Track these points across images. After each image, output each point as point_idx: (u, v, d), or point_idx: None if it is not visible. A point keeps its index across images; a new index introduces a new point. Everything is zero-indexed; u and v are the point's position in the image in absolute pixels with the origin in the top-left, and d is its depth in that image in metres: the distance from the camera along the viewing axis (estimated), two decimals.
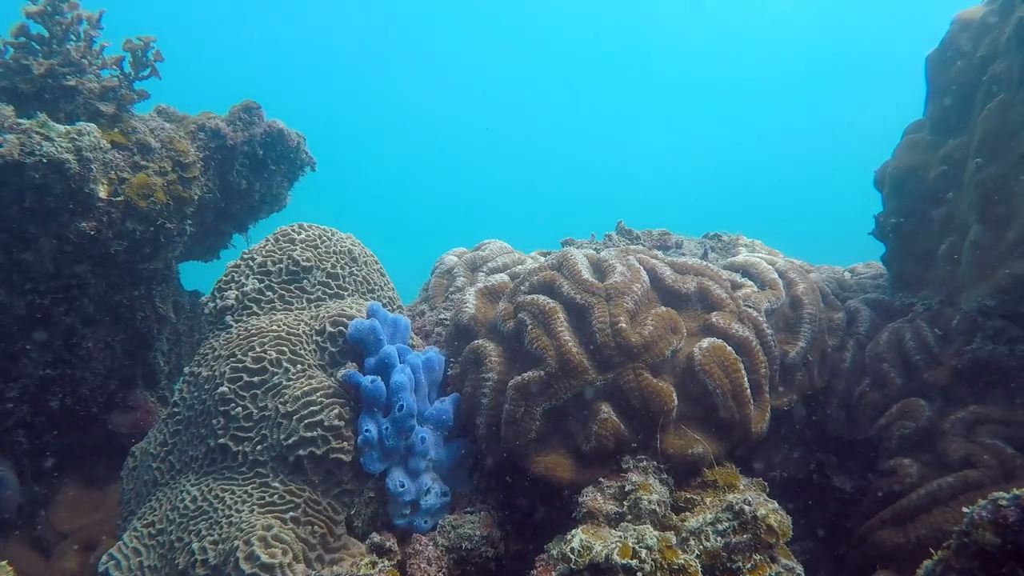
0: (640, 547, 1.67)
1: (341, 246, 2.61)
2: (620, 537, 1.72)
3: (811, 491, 2.59)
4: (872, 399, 2.51)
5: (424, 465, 2.15)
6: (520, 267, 2.82)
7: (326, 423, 2.05)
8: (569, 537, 1.77)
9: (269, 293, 2.45)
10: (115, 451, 3.06)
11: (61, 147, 2.55)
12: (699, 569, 1.69)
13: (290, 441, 2.03)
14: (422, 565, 2.01)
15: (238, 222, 3.58)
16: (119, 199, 2.77)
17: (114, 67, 3.04)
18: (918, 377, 2.44)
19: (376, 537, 2.02)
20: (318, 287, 2.50)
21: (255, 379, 2.17)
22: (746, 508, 1.79)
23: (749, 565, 1.75)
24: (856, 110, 27.97)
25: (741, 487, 2.02)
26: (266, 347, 2.21)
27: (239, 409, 2.14)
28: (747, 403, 2.12)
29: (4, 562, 2.31)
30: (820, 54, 29.35)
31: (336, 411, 2.07)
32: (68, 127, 2.64)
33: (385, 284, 2.72)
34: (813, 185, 27.71)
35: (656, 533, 1.73)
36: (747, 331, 2.22)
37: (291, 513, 1.98)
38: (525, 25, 32.61)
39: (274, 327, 2.28)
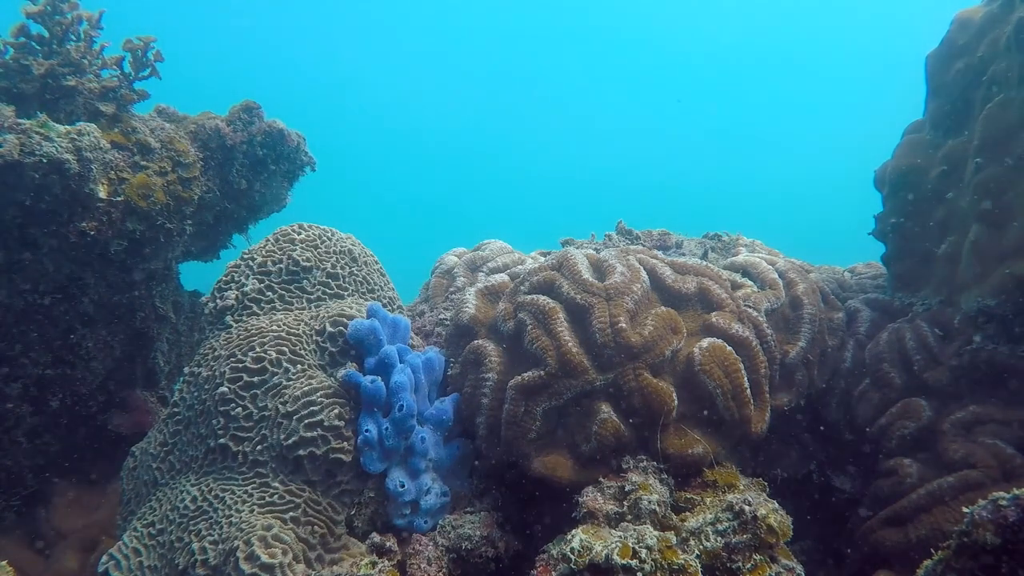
0: (640, 547, 1.67)
1: (341, 246, 2.61)
2: (620, 537, 1.72)
3: (811, 491, 2.59)
4: (872, 399, 2.51)
5: (424, 465, 2.15)
6: (520, 267, 2.82)
7: (326, 423, 2.05)
8: (569, 537, 1.77)
9: (269, 293, 2.45)
10: (115, 451, 3.06)
11: (61, 147, 2.55)
12: (699, 569, 1.69)
13: (290, 441, 2.03)
14: (422, 565, 2.01)
15: (238, 222, 3.58)
16: (119, 199, 2.77)
17: (114, 67, 3.04)
18: (918, 377, 2.44)
19: (376, 537, 2.02)
20: (318, 287, 2.50)
21: (255, 379, 2.17)
22: (746, 508, 1.79)
23: (749, 565, 1.75)
24: (856, 109, 28.00)
25: (741, 487, 2.02)
26: (266, 347, 2.21)
27: (239, 409, 2.14)
28: (747, 403, 2.12)
29: (4, 562, 2.31)
30: (820, 53, 29.41)
31: (336, 411, 2.07)
32: (68, 127, 2.64)
33: (385, 284, 2.72)
34: (813, 185, 27.72)
35: (656, 533, 1.73)
36: (747, 331, 2.22)
37: (291, 513, 1.98)
38: (526, 25, 32.67)
39: (274, 327, 2.28)
